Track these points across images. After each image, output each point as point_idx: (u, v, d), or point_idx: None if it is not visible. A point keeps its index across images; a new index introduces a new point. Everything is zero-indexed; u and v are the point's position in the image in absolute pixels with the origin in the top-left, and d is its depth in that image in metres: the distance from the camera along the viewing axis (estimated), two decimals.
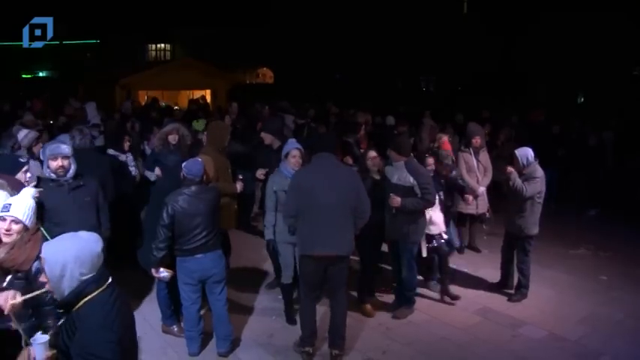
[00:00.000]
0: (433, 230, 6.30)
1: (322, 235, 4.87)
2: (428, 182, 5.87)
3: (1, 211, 3.50)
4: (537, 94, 22.96)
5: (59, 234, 4.25)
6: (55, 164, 4.80)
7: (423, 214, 6.04)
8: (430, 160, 6.66)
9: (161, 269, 4.98)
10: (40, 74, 35.45)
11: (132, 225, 7.08)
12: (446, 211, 6.66)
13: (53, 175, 4.82)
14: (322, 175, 4.97)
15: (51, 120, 10.67)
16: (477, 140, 8.00)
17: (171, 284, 5.21)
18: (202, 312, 5.28)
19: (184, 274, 4.98)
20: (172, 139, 6.92)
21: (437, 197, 6.15)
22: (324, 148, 5.18)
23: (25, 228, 3.52)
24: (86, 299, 2.52)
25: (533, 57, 23.83)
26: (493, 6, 25.77)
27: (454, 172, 7.12)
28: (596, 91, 22.62)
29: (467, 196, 7.32)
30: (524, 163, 6.40)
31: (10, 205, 3.52)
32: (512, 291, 6.71)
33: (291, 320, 5.82)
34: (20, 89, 19.30)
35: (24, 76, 32.19)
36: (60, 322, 2.69)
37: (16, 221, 3.49)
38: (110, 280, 2.63)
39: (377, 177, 6.03)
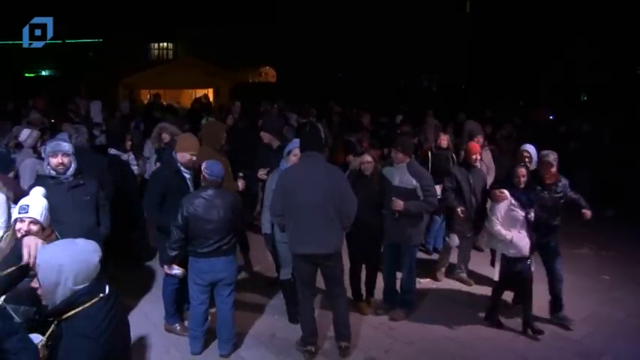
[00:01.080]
0: (513, 254, 5.64)
1: (304, 234, 4.92)
2: (431, 185, 5.91)
3: (20, 213, 3.53)
4: (540, 93, 22.95)
5: (58, 232, 4.30)
6: (55, 161, 4.80)
7: (423, 216, 6.08)
8: (522, 171, 5.70)
9: (174, 266, 5.02)
10: (43, 73, 35.45)
11: (134, 224, 7.12)
12: (541, 235, 5.81)
13: (53, 173, 4.81)
14: (307, 174, 4.98)
15: (52, 119, 10.69)
16: (478, 139, 8.02)
17: (182, 282, 5.26)
18: (212, 311, 5.29)
19: (195, 274, 5.01)
20: (164, 137, 7.44)
21: (524, 216, 5.59)
22: (312, 147, 5.20)
23: (42, 228, 3.55)
24: (76, 310, 2.45)
25: (537, 56, 23.81)
26: (496, 6, 25.73)
27: (562, 182, 5.99)
28: (600, 90, 22.59)
29: (586, 210, 5.98)
30: (536, 159, 6.45)
31: (27, 206, 3.54)
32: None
33: (292, 319, 5.83)
34: (23, 88, 19.32)
35: (26, 75, 32.19)
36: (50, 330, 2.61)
37: (35, 222, 3.53)
38: (107, 292, 2.56)
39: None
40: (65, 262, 2.41)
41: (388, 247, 6.17)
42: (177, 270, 5.04)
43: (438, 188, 7.58)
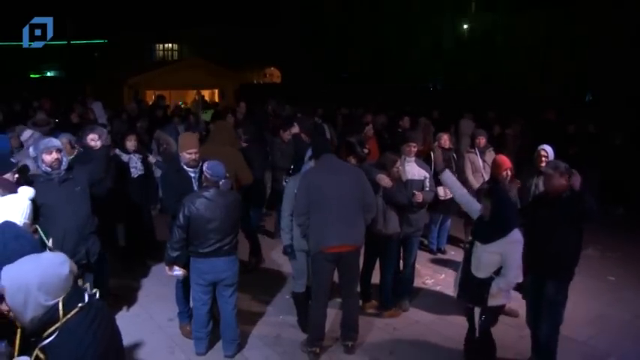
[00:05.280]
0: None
1: (335, 227, 4.97)
2: (432, 175, 6.33)
3: None
4: (546, 93, 22.88)
5: (54, 230, 4.33)
6: (50, 158, 4.89)
7: None
8: None
9: (175, 267, 5.02)
10: (49, 74, 35.61)
11: (138, 226, 7.13)
12: None
13: (49, 169, 4.89)
14: (331, 171, 5.10)
15: (56, 119, 10.72)
16: (480, 140, 8.00)
17: (188, 283, 5.26)
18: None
19: (196, 275, 5.01)
20: (161, 143, 7.84)
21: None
22: (326, 149, 5.40)
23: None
24: (56, 326, 2.28)
25: (541, 56, 23.76)
26: (501, 6, 25.70)
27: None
28: (606, 90, 22.48)
29: None
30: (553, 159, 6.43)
31: None
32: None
33: (305, 328, 5.64)
34: (29, 89, 19.42)
35: (32, 76, 32.34)
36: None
37: None
38: (86, 300, 2.38)
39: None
40: (33, 280, 2.24)
41: (398, 242, 6.15)
42: (178, 271, 5.04)
43: (441, 189, 7.58)
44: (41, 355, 2.29)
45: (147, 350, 5.26)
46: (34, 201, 3.87)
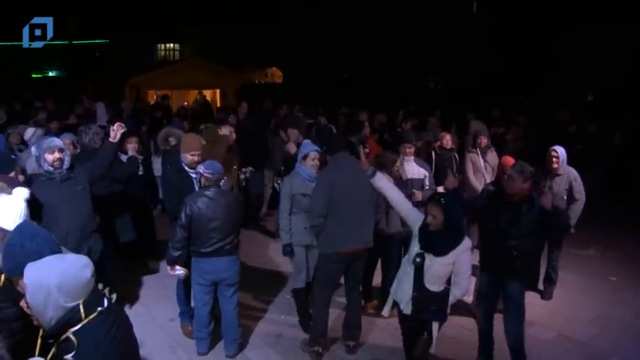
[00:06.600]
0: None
1: (353, 230, 4.98)
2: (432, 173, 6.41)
3: None
4: (547, 92, 22.85)
5: (56, 229, 4.33)
6: (52, 157, 4.89)
7: None
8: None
9: (177, 267, 5.03)
10: (50, 74, 35.62)
11: (139, 226, 7.13)
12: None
13: (51, 169, 4.90)
14: (348, 172, 5.05)
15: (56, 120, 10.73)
16: (481, 140, 7.96)
17: (189, 283, 5.27)
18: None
19: (198, 275, 5.01)
20: (170, 141, 7.35)
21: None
22: (340, 147, 5.34)
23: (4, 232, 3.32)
24: (75, 328, 2.28)
25: (543, 56, 23.73)
26: (503, 6, 25.66)
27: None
28: (607, 90, 22.45)
29: None
30: (565, 162, 6.39)
31: None
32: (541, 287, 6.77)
33: (307, 328, 5.63)
34: (30, 89, 19.42)
35: (34, 75, 32.34)
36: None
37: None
38: (105, 305, 2.39)
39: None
40: (54, 280, 2.23)
41: (399, 241, 6.12)
42: (179, 271, 5.05)
43: (440, 189, 7.57)
44: (73, 338, 2.28)
45: (148, 350, 5.26)
46: (31, 201, 3.86)
